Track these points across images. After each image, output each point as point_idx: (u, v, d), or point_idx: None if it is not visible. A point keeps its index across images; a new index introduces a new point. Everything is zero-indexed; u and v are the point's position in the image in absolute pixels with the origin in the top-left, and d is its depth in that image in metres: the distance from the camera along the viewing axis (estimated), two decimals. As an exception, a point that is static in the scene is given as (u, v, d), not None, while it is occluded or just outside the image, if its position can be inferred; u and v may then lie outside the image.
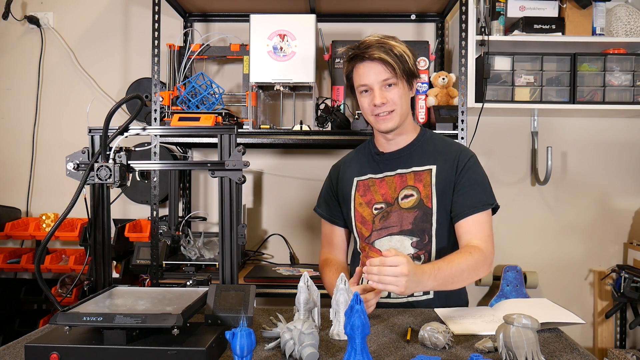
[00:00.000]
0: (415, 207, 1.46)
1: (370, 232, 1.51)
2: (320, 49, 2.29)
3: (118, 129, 1.17)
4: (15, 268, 2.42)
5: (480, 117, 2.22)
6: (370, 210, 1.52)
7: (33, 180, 2.63)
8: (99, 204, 1.20)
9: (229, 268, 1.20)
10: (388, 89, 1.45)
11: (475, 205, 1.43)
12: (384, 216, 1.49)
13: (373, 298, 1.29)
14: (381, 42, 1.44)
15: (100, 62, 2.62)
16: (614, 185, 2.56)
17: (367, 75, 1.44)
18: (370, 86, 1.45)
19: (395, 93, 1.45)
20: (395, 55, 1.42)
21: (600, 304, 2.54)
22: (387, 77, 1.43)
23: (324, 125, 2.17)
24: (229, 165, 1.17)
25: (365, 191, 1.54)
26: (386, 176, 1.52)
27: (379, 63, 1.42)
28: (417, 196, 1.47)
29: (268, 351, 1.05)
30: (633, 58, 2.27)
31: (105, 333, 0.97)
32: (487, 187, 1.47)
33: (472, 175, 1.46)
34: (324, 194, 1.68)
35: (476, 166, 1.49)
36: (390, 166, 1.53)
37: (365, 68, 1.44)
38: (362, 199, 1.54)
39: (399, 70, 1.42)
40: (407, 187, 1.48)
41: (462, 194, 1.44)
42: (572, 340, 1.12)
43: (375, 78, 1.44)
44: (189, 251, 2.16)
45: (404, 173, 1.50)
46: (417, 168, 1.50)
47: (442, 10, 2.46)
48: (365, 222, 1.52)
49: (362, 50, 1.44)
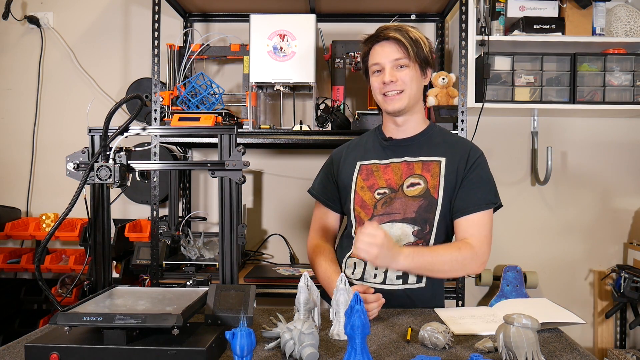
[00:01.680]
0: (421, 196, 1.46)
1: (370, 217, 1.50)
2: (320, 49, 2.29)
3: (118, 129, 1.17)
4: (15, 268, 2.42)
5: (480, 117, 2.22)
6: (372, 195, 1.51)
7: (33, 180, 2.63)
8: (99, 204, 1.20)
9: (229, 268, 1.20)
10: (400, 69, 1.47)
11: (478, 203, 1.43)
12: (387, 202, 1.49)
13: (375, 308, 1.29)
14: (398, 25, 1.48)
15: (100, 62, 2.62)
16: (614, 185, 2.56)
17: (380, 53, 1.48)
18: (382, 65, 1.47)
19: (406, 74, 1.46)
20: (411, 38, 1.45)
21: (600, 304, 2.54)
22: (399, 56, 1.45)
23: (324, 125, 2.17)
24: (229, 165, 1.17)
25: (368, 175, 1.54)
26: (392, 162, 1.52)
27: (393, 42, 1.45)
28: (424, 185, 1.47)
29: (268, 351, 1.05)
30: (633, 58, 2.27)
31: (105, 333, 0.97)
32: (493, 187, 1.49)
33: (479, 173, 1.47)
34: (321, 177, 1.67)
35: (484, 164, 1.50)
36: (397, 153, 1.53)
37: (380, 47, 1.48)
38: (364, 183, 1.53)
39: (412, 53, 1.45)
40: (414, 175, 1.49)
41: (467, 191, 1.45)
42: (572, 340, 1.12)
43: (388, 57, 1.46)
44: (189, 251, 2.16)
45: (411, 161, 1.50)
46: (426, 158, 1.50)
47: (442, 10, 2.46)
48: (366, 206, 1.52)
49: (379, 31, 1.49)
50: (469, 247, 1.39)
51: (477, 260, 1.40)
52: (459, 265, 1.39)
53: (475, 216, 1.43)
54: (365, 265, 1.48)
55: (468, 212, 1.43)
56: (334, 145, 2.50)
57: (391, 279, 1.45)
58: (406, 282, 1.44)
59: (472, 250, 1.39)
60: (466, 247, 1.39)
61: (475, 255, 1.40)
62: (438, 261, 1.36)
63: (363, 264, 1.49)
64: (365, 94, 2.41)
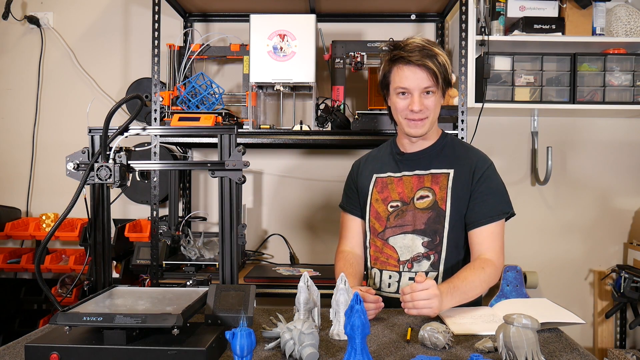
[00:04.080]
0: (429, 208, 1.48)
1: (383, 229, 1.53)
2: (320, 49, 2.29)
3: (118, 129, 1.17)
4: (15, 268, 2.42)
5: (480, 117, 2.22)
6: (386, 207, 1.53)
7: (33, 180, 2.63)
8: (99, 204, 1.20)
9: (229, 268, 1.20)
10: (426, 96, 1.45)
11: (491, 214, 1.45)
12: (399, 214, 1.51)
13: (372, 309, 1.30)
14: (427, 48, 1.43)
15: (100, 62, 2.62)
16: (614, 185, 2.56)
17: (409, 79, 1.43)
18: (411, 91, 1.44)
19: (432, 101, 1.45)
20: (439, 63, 1.42)
21: (600, 304, 2.54)
22: (429, 85, 1.43)
23: (324, 125, 2.17)
24: (229, 165, 1.17)
25: (383, 188, 1.56)
26: (404, 175, 1.54)
27: (424, 70, 1.41)
28: (433, 197, 1.48)
29: (268, 351, 1.05)
30: (633, 58, 2.27)
31: (105, 333, 0.97)
32: (505, 196, 1.49)
33: (489, 184, 1.48)
34: (346, 188, 1.69)
35: (494, 174, 1.50)
36: (409, 166, 1.54)
37: (409, 72, 1.43)
38: (379, 195, 1.56)
39: (440, 80, 1.43)
40: (424, 188, 1.50)
41: (479, 203, 1.46)
42: (572, 340, 1.12)
43: (418, 84, 1.43)
44: (189, 251, 2.16)
45: (421, 174, 1.52)
46: (436, 170, 1.51)
47: (442, 10, 2.46)
48: (380, 218, 1.54)
49: (407, 52, 1.42)
50: (490, 264, 1.42)
51: (498, 273, 1.45)
52: (487, 284, 1.42)
53: (489, 228, 1.45)
54: (382, 275, 1.52)
55: (480, 224, 1.45)
56: (334, 145, 2.53)
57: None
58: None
59: (494, 265, 1.43)
60: (488, 264, 1.42)
61: (496, 269, 1.43)
62: (470, 287, 1.37)
63: (379, 273, 1.52)
64: (365, 94, 2.41)
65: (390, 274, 1.50)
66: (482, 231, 1.45)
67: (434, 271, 1.47)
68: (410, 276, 1.47)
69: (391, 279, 1.50)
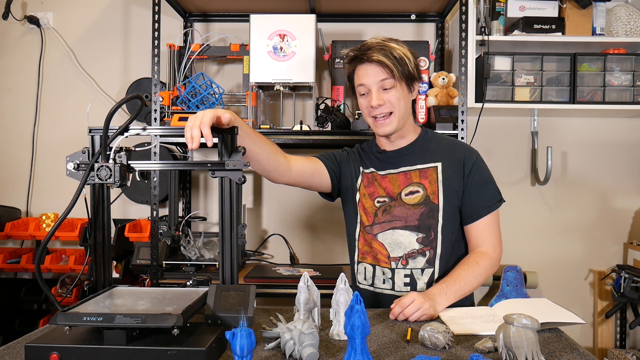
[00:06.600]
0: (421, 203, 1.48)
1: (371, 223, 1.53)
2: (320, 49, 2.29)
3: (118, 129, 1.17)
4: (15, 268, 2.42)
5: (480, 117, 2.22)
6: (372, 203, 1.54)
7: (33, 180, 2.63)
8: (99, 204, 1.20)
9: (229, 268, 1.20)
10: (386, 91, 1.46)
11: (485, 206, 1.47)
12: (386, 210, 1.51)
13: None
14: (381, 44, 1.45)
15: (100, 62, 2.62)
16: (614, 185, 2.56)
17: (365, 76, 1.46)
18: (368, 87, 1.46)
19: (393, 95, 1.46)
20: (395, 57, 1.43)
21: (600, 304, 2.54)
22: (384, 77, 1.44)
23: (324, 125, 2.17)
24: (229, 166, 1.17)
25: (369, 183, 1.56)
26: (389, 173, 1.54)
27: (377, 65, 1.44)
28: (423, 192, 1.49)
29: (268, 351, 1.05)
30: (633, 58, 2.27)
31: (105, 333, 0.97)
32: (494, 185, 1.51)
33: (481, 174, 1.50)
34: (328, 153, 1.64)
35: (482, 165, 1.52)
36: (393, 164, 1.55)
37: (364, 70, 1.46)
38: (365, 190, 1.56)
39: (398, 73, 1.43)
40: (412, 184, 1.50)
41: (475, 195, 1.47)
42: (572, 340, 1.12)
43: (373, 79, 1.45)
44: (189, 251, 2.16)
45: (408, 171, 1.52)
46: (422, 165, 1.51)
47: (442, 10, 2.46)
48: (367, 213, 1.55)
49: (362, 52, 1.46)
50: (485, 257, 1.44)
51: (494, 264, 1.47)
52: (483, 277, 1.44)
53: (485, 220, 1.47)
54: (375, 270, 1.52)
55: (477, 217, 1.47)
56: (334, 145, 2.51)
57: (399, 285, 1.49)
58: (414, 289, 1.47)
59: (489, 257, 1.45)
60: (483, 257, 1.44)
61: (492, 261, 1.46)
62: (465, 283, 1.39)
63: (372, 269, 1.52)
64: (365, 94, 2.40)
65: (384, 270, 1.50)
66: (478, 225, 1.47)
67: (430, 267, 1.47)
68: (405, 273, 1.47)
69: (385, 275, 1.50)
